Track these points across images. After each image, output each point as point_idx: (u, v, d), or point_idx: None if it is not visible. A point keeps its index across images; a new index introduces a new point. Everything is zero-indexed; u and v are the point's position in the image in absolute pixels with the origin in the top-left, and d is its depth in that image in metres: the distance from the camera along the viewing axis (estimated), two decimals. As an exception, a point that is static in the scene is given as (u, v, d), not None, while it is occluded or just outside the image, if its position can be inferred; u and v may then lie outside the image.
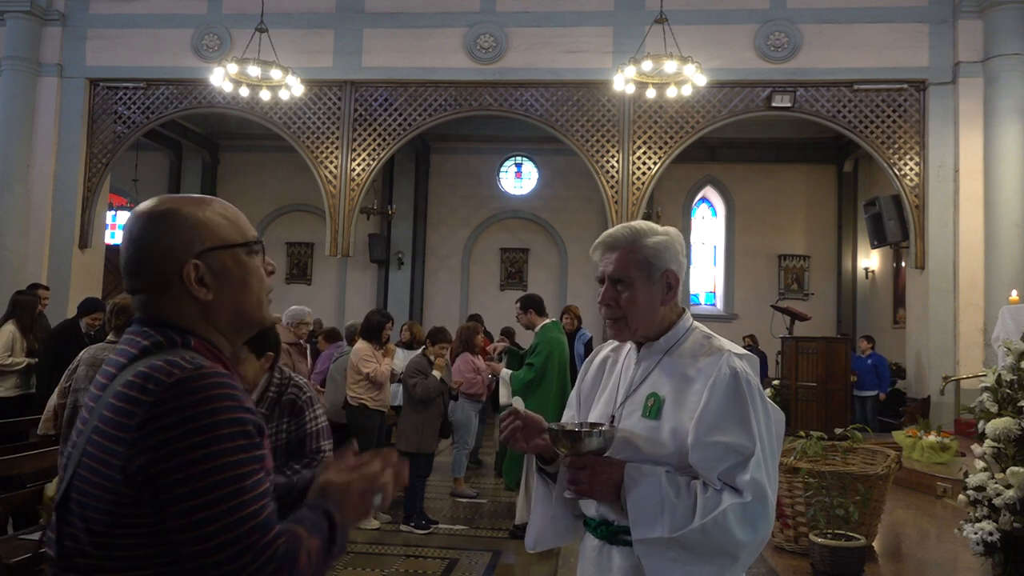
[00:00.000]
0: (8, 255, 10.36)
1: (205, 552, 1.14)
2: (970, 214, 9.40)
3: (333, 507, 1.31)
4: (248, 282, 1.36)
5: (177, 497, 1.14)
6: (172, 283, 1.30)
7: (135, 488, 1.16)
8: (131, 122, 10.91)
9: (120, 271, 1.35)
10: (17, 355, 6.75)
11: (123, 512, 1.16)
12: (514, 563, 5.78)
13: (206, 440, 1.15)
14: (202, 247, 1.31)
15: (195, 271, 1.29)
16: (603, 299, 1.89)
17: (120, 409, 1.19)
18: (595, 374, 2.04)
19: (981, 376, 4.90)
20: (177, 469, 1.14)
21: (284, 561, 1.17)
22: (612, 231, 1.92)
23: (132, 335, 1.30)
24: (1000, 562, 3.13)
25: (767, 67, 9.91)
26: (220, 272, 1.32)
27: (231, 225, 1.35)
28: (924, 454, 5.92)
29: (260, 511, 1.17)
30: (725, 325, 14.18)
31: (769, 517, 1.71)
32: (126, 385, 1.20)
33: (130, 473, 1.15)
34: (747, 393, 1.73)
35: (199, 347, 1.29)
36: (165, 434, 1.15)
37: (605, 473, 1.76)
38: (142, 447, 1.15)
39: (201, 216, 1.32)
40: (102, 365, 1.38)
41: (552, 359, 6.22)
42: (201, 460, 1.14)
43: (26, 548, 4.18)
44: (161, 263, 1.29)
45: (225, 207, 1.38)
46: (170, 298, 1.30)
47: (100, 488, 1.18)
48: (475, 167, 15.81)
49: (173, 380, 1.18)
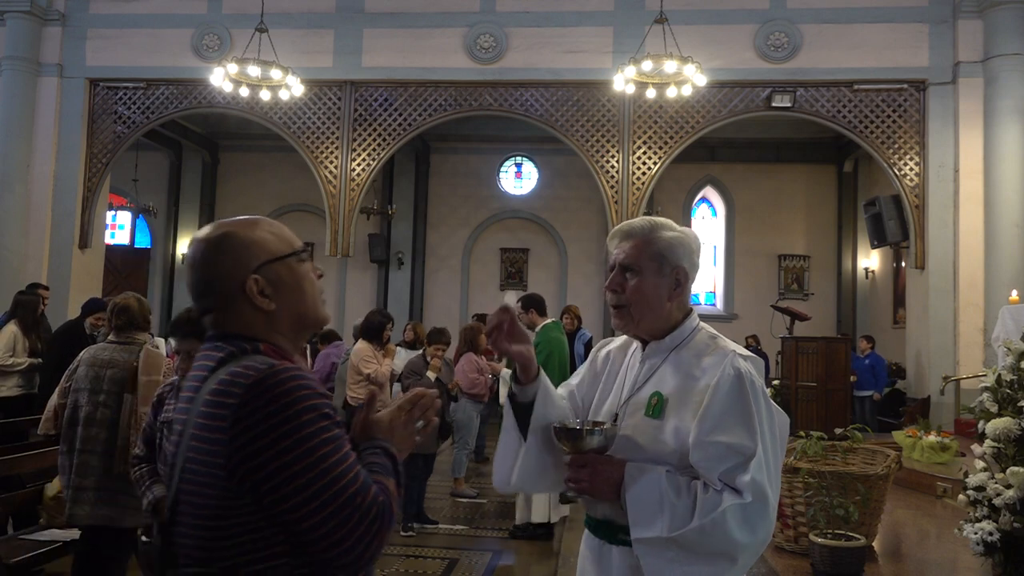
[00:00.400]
0: (8, 255, 10.36)
1: (316, 526, 1.28)
2: (970, 214, 9.40)
3: (387, 443, 1.46)
4: (303, 287, 1.50)
5: (277, 484, 1.27)
6: (237, 299, 1.43)
7: (236, 481, 1.29)
8: (131, 122, 10.91)
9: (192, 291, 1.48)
10: (19, 355, 6.72)
11: (230, 504, 1.29)
12: (514, 563, 5.78)
13: (291, 428, 1.28)
14: (258, 262, 1.44)
15: (256, 285, 1.43)
16: (610, 284, 1.89)
17: (211, 414, 1.32)
18: (600, 366, 2.03)
19: (981, 376, 4.90)
20: (271, 459, 1.27)
21: (383, 512, 1.33)
22: (631, 221, 1.94)
23: (207, 351, 1.43)
24: (1000, 562, 3.13)
25: (767, 67, 9.91)
26: (277, 282, 1.45)
27: (279, 239, 1.50)
28: (924, 454, 5.92)
29: (355, 478, 1.31)
30: (725, 325, 14.16)
31: (769, 519, 1.70)
32: (212, 393, 1.34)
33: (231, 469, 1.29)
34: (751, 394, 1.73)
35: (267, 351, 1.40)
36: (254, 430, 1.28)
37: (606, 472, 1.76)
38: (236, 445, 1.28)
39: (252, 235, 1.47)
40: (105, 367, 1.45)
41: (552, 359, 6.22)
42: (291, 447, 1.27)
43: (26, 548, 4.18)
44: (224, 283, 1.43)
45: (271, 224, 1.52)
46: (237, 313, 1.44)
47: (206, 486, 1.31)
48: (475, 167, 15.80)
49: (252, 381, 1.31)
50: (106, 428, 3.71)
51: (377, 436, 1.47)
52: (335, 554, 1.30)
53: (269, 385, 1.30)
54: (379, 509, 1.32)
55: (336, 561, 1.31)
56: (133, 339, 3.88)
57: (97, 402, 3.73)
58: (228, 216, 6.89)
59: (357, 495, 1.30)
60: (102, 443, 3.71)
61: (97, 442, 3.71)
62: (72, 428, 3.74)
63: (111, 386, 3.75)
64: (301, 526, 1.28)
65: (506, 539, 6.27)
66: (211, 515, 1.31)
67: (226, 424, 1.29)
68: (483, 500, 7.70)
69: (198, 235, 1.48)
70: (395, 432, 1.50)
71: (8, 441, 5.56)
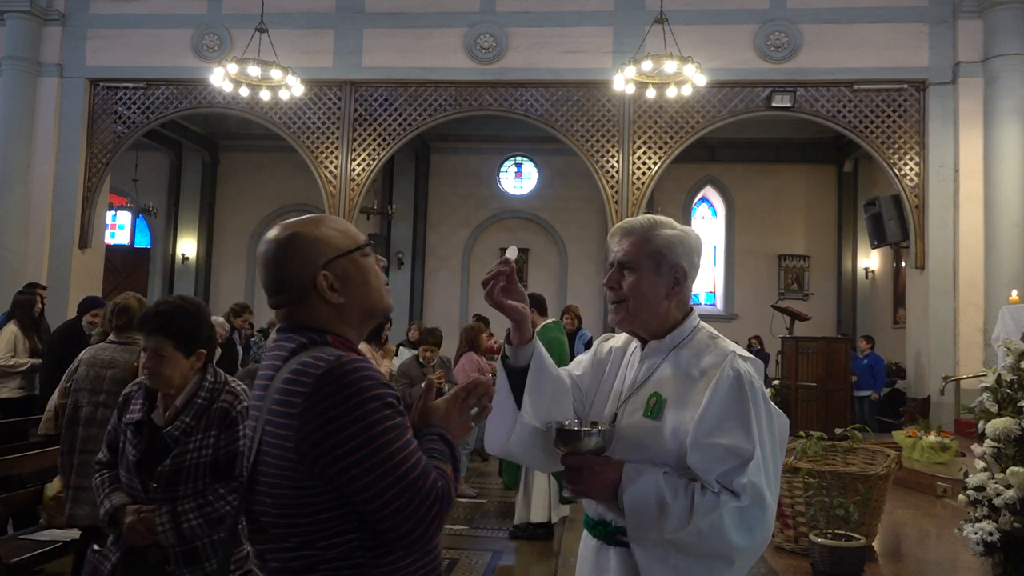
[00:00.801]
0: (8, 255, 10.36)
1: (380, 507, 1.38)
2: (970, 214, 9.40)
3: (444, 430, 1.54)
4: (368, 279, 1.57)
5: (344, 468, 1.37)
6: (308, 294, 1.52)
7: (306, 465, 1.38)
8: (131, 122, 10.91)
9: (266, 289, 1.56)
10: (20, 356, 6.67)
11: (302, 485, 1.39)
12: (514, 563, 5.78)
13: (357, 416, 1.37)
14: (325, 259, 1.52)
15: (325, 280, 1.51)
16: (607, 281, 1.89)
17: (284, 401, 1.41)
18: (604, 359, 2.01)
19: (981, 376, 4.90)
20: (338, 445, 1.36)
21: (443, 496, 1.43)
22: (631, 219, 1.93)
23: (281, 341, 1.52)
24: (1000, 562, 3.13)
25: (767, 67, 9.91)
26: (345, 277, 1.53)
27: (344, 235, 1.57)
28: (924, 454, 5.92)
29: (416, 464, 1.40)
30: (725, 325, 14.17)
31: (767, 522, 1.69)
32: (285, 381, 1.43)
33: (301, 452, 1.38)
34: (750, 395, 1.72)
35: (335, 342, 1.50)
36: (323, 417, 1.37)
37: (603, 473, 1.76)
38: (307, 431, 1.37)
39: (318, 233, 1.54)
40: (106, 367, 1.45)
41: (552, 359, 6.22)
42: (357, 433, 1.37)
43: (26, 548, 4.18)
44: (295, 280, 1.51)
45: (335, 221, 1.60)
46: (308, 307, 1.52)
47: (281, 468, 1.41)
48: (475, 167, 15.80)
49: (322, 371, 1.40)
50: (106, 428, 3.71)
51: (434, 423, 1.56)
52: (398, 533, 1.40)
53: (337, 375, 1.39)
54: (438, 492, 1.41)
55: (399, 541, 1.40)
56: (134, 339, 3.88)
57: (97, 402, 3.73)
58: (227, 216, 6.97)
59: (419, 479, 1.39)
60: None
61: (97, 442, 3.70)
62: (72, 428, 3.74)
63: (112, 386, 3.74)
64: (367, 507, 1.38)
65: (506, 539, 6.27)
66: (284, 494, 1.40)
67: (297, 411, 1.39)
68: (483, 500, 7.70)
69: (268, 236, 1.57)
70: (451, 419, 1.58)
71: (9, 442, 5.55)
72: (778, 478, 1.76)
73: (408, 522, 1.39)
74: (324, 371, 1.39)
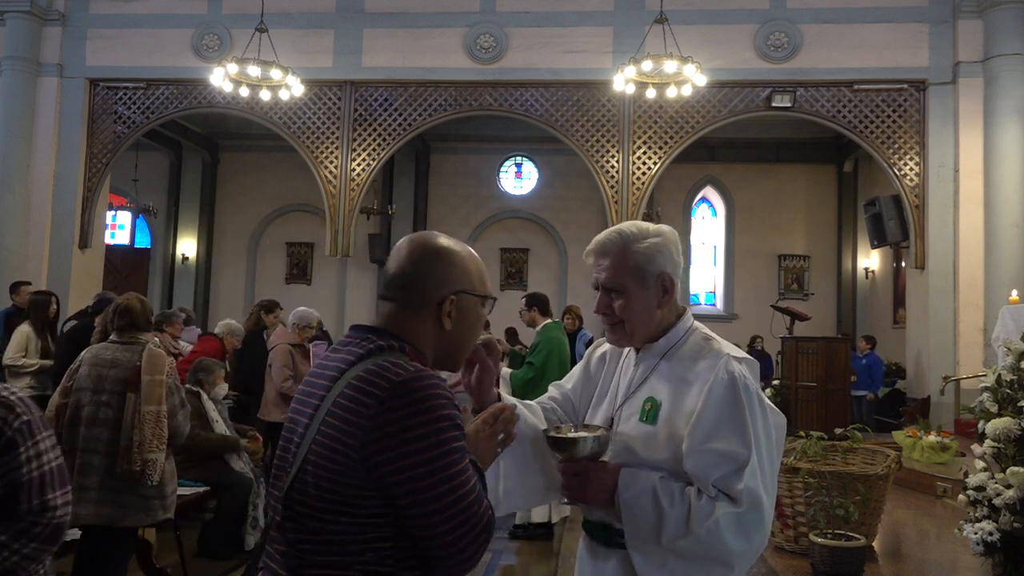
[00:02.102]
0: (8, 255, 10.35)
1: (433, 526, 1.37)
2: (970, 214, 9.40)
3: (473, 456, 1.51)
4: (475, 327, 1.61)
5: (405, 480, 1.36)
6: (428, 307, 1.54)
7: (366, 468, 1.37)
8: (131, 122, 10.91)
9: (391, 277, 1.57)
10: (31, 356, 6.58)
11: (353, 484, 1.38)
12: (514, 563, 5.78)
13: (427, 433, 1.37)
14: (461, 287, 1.56)
15: (450, 304, 1.54)
16: (598, 308, 1.86)
17: (354, 399, 1.40)
18: (595, 368, 2.01)
19: (981, 376, 4.91)
20: (404, 456, 1.36)
21: (490, 524, 1.44)
22: (600, 238, 1.87)
23: (356, 339, 1.52)
24: (1000, 562, 3.14)
25: (767, 67, 9.91)
26: (463, 311, 1.57)
27: (480, 279, 1.61)
28: (924, 454, 5.93)
29: (472, 488, 1.41)
30: (725, 325, 14.17)
31: (764, 526, 1.69)
32: (358, 379, 1.42)
33: (364, 456, 1.37)
34: (744, 398, 1.71)
35: (411, 353, 1.50)
36: (394, 427, 1.37)
37: (599, 479, 1.75)
38: (374, 436, 1.37)
39: (469, 265, 1.59)
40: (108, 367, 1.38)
41: (552, 358, 6.22)
42: (425, 450, 1.36)
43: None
44: (428, 286, 1.54)
45: (480, 263, 1.64)
46: (419, 317, 1.54)
47: (335, 462, 1.39)
48: (475, 167, 15.80)
49: (400, 380, 1.40)
50: (109, 428, 3.72)
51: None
52: (444, 554, 1.40)
53: (414, 388, 1.39)
54: (488, 519, 1.43)
55: (443, 561, 1.41)
56: (136, 339, 3.88)
57: (99, 402, 3.74)
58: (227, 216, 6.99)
59: (474, 504, 1.41)
60: (104, 443, 3.71)
61: (99, 442, 3.72)
62: (74, 428, 3.74)
63: (113, 386, 3.75)
64: (420, 522, 1.38)
65: (506, 539, 6.27)
66: (332, 489, 1.39)
67: (369, 412, 1.38)
68: (483, 500, 7.69)
69: (426, 236, 1.61)
70: (480, 445, 1.57)
71: None
72: (775, 480, 1.75)
73: (456, 544, 1.39)
74: (403, 380, 1.40)
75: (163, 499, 3.84)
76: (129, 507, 3.71)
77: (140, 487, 3.71)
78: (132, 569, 3.95)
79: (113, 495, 3.69)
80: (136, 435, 3.66)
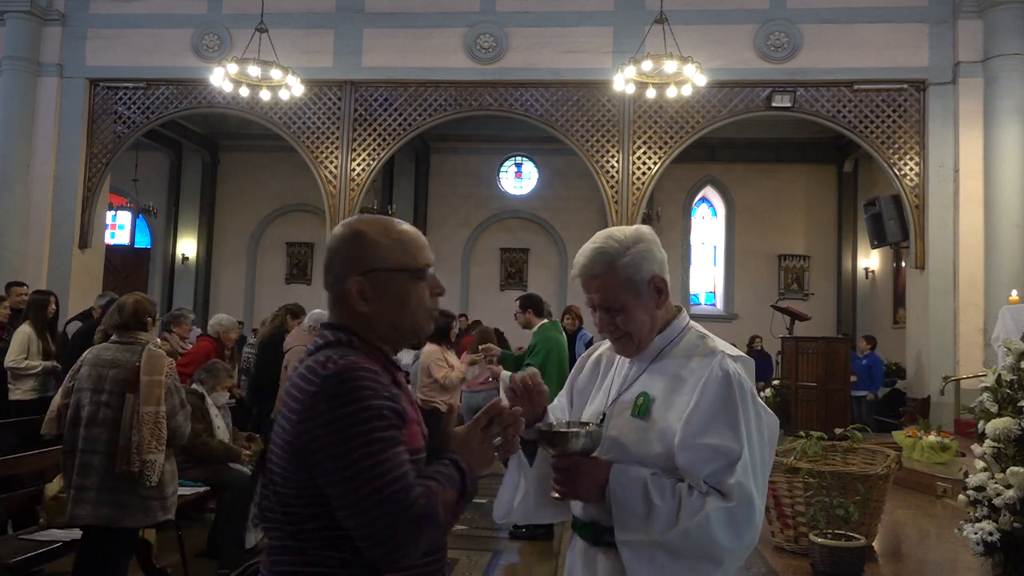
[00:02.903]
0: (8, 255, 10.35)
1: (354, 515, 1.38)
2: (970, 214, 9.40)
3: (460, 457, 1.52)
4: (406, 301, 1.56)
5: (327, 470, 1.39)
6: (341, 292, 1.54)
7: (299, 460, 1.42)
8: (131, 122, 10.91)
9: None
10: (33, 357, 6.49)
11: (291, 476, 1.43)
12: (514, 563, 5.78)
13: (348, 424, 1.39)
14: (368, 268, 1.53)
15: (356, 286, 1.52)
16: (601, 327, 1.86)
17: (293, 395, 1.46)
18: (591, 370, 2.01)
19: (981, 376, 4.90)
20: (325, 447, 1.39)
21: (424, 515, 1.39)
22: (585, 261, 1.84)
23: (317, 336, 1.56)
24: (1000, 562, 3.13)
25: (767, 67, 9.91)
26: (380, 290, 1.53)
27: (403, 251, 1.56)
28: (924, 454, 5.93)
29: (398, 478, 1.39)
30: (725, 325, 14.18)
31: (755, 523, 1.68)
32: (299, 375, 1.47)
33: (294, 448, 1.43)
34: (738, 395, 1.71)
35: (359, 345, 1.51)
36: (320, 418, 1.40)
37: (591, 474, 1.75)
38: (301, 428, 1.42)
39: (379, 239, 1.55)
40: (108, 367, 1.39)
41: (551, 359, 6.20)
42: (346, 440, 1.38)
43: (26, 548, 4.18)
44: (338, 275, 1.54)
45: (405, 233, 1.58)
46: (340, 304, 1.55)
47: (281, 456, 1.45)
48: (475, 167, 15.81)
49: (328, 373, 1.42)
50: (108, 428, 3.71)
51: (453, 449, 1.55)
52: (371, 544, 1.39)
53: (340, 380, 1.41)
54: (419, 511, 1.39)
55: (373, 551, 1.39)
56: (136, 339, 3.88)
57: (99, 402, 3.73)
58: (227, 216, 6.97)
59: (397, 493, 1.38)
60: (104, 443, 3.70)
61: (99, 442, 3.71)
62: (74, 428, 3.74)
63: (113, 386, 3.75)
64: (341, 513, 1.39)
65: (506, 539, 6.27)
66: (281, 481, 1.46)
67: (303, 407, 1.43)
68: (483, 500, 7.69)
69: (339, 225, 1.60)
70: (469, 447, 1.55)
71: (24, 443, 5.40)
72: (766, 478, 1.75)
73: (381, 534, 1.37)
74: (331, 373, 1.42)
75: (163, 500, 3.84)
76: (128, 507, 3.70)
77: (139, 488, 3.71)
78: (132, 569, 3.95)
79: (112, 495, 3.68)
80: (135, 436, 3.66)
